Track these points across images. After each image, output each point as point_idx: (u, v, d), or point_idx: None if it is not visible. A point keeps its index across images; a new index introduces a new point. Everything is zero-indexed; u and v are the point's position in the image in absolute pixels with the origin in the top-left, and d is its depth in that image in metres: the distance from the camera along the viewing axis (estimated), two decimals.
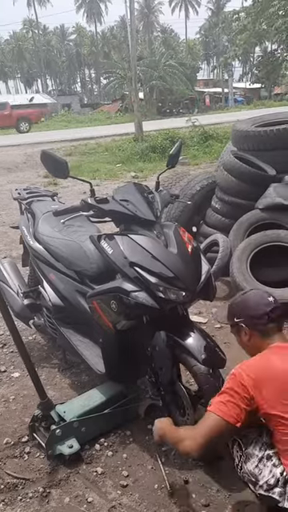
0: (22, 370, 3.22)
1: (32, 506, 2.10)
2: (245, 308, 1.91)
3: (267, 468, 1.67)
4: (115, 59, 44.26)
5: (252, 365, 1.73)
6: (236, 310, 1.95)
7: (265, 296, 1.90)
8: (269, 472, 1.66)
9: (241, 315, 1.91)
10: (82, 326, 2.85)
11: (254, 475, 1.69)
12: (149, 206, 2.38)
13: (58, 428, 2.33)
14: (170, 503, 2.07)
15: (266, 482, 1.65)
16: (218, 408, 1.69)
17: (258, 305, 1.87)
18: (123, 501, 2.11)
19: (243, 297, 1.96)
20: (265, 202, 4.09)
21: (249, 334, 1.88)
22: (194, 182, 4.91)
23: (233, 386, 1.69)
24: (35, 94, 52.50)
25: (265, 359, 1.74)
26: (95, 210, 2.34)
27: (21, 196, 3.47)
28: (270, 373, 1.67)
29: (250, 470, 1.71)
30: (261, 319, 1.84)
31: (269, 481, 1.65)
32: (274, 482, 1.64)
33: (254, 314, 1.86)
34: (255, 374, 1.68)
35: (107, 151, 14.81)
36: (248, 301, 1.93)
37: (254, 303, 1.89)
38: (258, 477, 1.68)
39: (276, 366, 1.68)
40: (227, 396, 1.69)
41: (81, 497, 2.14)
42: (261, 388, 1.64)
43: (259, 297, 1.91)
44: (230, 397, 1.68)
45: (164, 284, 2.14)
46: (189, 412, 2.22)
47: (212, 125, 16.52)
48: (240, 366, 1.74)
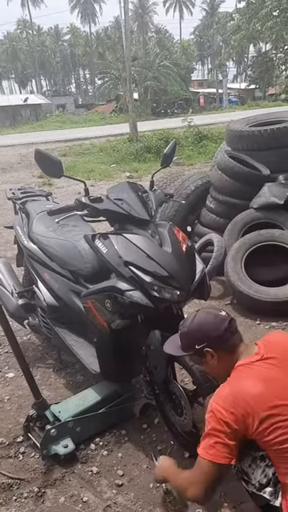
0: (16, 370, 3.21)
1: (27, 506, 2.10)
2: (204, 332, 1.83)
3: (260, 468, 1.66)
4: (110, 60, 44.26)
5: (227, 397, 1.67)
6: (194, 336, 1.86)
7: (216, 313, 1.85)
8: (261, 472, 1.66)
9: (202, 340, 1.83)
10: (76, 326, 2.85)
11: (247, 474, 1.69)
12: (143, 205, 2.38)
13: (53, 428, 2.32)
14: (166, 502, 2.07)
15: (259, 482, 1.66)
16: (208, 453, 1.66)
17: (215, 324, 1.81)
18: (118, 500, 2.10)
19: (196, 322, 1.85)
20: (259, 201, 4.10)
21: (216, 356, 1.83)
22: (189, 182, 4.92)
23: (215, 425, 1.65)
24: (30, 94, 52.42)
25: (237, 387, 1.69)
26: (89, 210, 2.34)
27: (15, 196, 3.46)
28: (245, 402, 1.62)
29: (243, 469, 1.71)
30: (223, 337, 1.80)
31: (261, 480, 1.65)
32: (266, 481, 1.64)
33: (215, 334, 1.80)
34: (233, 407, 1.63)
35: (102, 152, 14.81)
36: (203, 323, 1.84)
37: (211, 323, 1.82)
38: (251, 476, 1.68)
39: (249, 393, 1.63)
40: (213, 437, 1.65)
41: (76, 496, 2.14)
42: (243, 419, 1.61)
43: (212, 316, 1.84)
44: (216, 437, 1.65)
45: (158, 283, 2.14)
46: (186, 412, 2.22)
47: (206, 125, 16.55)
48: (215, 401, 1.69)
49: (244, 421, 1.61)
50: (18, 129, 31.46)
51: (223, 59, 14.07)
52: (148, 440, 2.47)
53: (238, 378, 1.73)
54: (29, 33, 67.97)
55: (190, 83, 46.05)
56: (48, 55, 73.90)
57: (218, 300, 4.10)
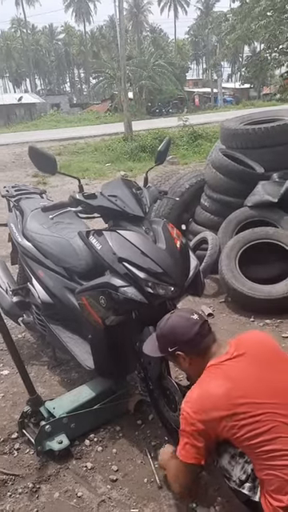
0: (11, 367, 3.21)
1: (22, 502, 2.10)
2: (175, 335, 1.86)
3: (239, 465, 1.69)
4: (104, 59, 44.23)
5: (195, 400, 1.72)
6: (166, 340, 1.89)
7: (188, 316, 1.87)
8: (241, 468, 1.68)
9: (173, 343, 1.86)
10: (71, 323, 2.85)
11: (228, 471, 1.72)
12: (137, 201, 2.39)
13: (48, 424, 2.33)
14: (160, 496, 2.08)
15: (239, 478, 1.68)
16: (180, 453, 1.74)
17: (187, 328, 1.83)
18: (113, 495, 2.11)
19: (168, 324, 1.89)
20: (253, 199, 4.12)
21: (188, 359, 1.86)
22: (183, 180, 4.93)
23: (185, 427, 1.71)
24: (24, 93, 52.29)
25: (205, 389, 1.72)
26: (83, 206, 2.35)
27: (9, 193, 3.46)
28: (213, 404, 1.65)
29: (223, 466, 1.73)
30: (194, 341, 1.82)
31: (241, 477, 1.68)
32: (245, 477, 1.67)
33: (185, 338, 1.83)
34: (200, 409, 1.68)
35: (96, 151, 14.81)
36: (176, 326, 1.87)
37: (182, 327, 1.85)
38: (231, 473, 1.70)
39: (216, 394, 1.66)
40: (184, 438, 1.72)
41: (70, 492, 2.14)
42: (210, 421, 1.65)
43: (184, 319, 1.86)
44: (186, 438, 1.71)
45: (153, 279, 2.15)
46: (180, 407, 2.23)
47: (201, 124, 16.60)
48: (185, 403, 1.74)
49: (211, 421, 1.65)
50: (12, 128, 31.38)
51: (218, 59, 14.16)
52: (142, 436, 2.48)
53: (206, 379, 1.77)
54: (23, 32, 67.78)
55: (185, 83, 46.16)
56: (42, 54, 73.74)
57: (212, 298, 4.11)
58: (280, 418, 1.59)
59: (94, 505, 2.06)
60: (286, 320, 3.59)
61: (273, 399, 1.62)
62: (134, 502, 2.06)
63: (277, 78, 25.47)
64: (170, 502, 2.05)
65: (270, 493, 1.58)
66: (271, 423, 1.58)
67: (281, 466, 1.55)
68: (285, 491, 1.55)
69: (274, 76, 25.63)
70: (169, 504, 2.04)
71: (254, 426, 1.58)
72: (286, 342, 3.29)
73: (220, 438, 1.66)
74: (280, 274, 3.79)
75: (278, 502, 1.55)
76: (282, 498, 1.55)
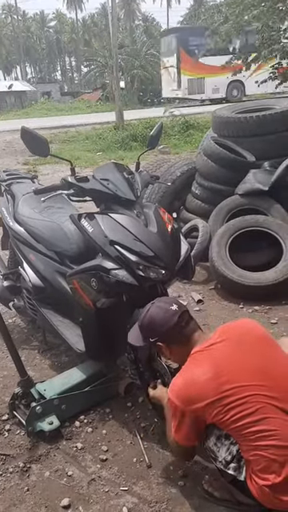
0: (1, 351, 3.23)
1: (13, 480, 2.13)
2: (154, 326, 1.89)
3: (225, 446, 1.72)
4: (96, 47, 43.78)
5: (180, 387, 1.75)
6: (147, 331, 1.93)
7: (167, 307, 1.89)
8: (226, 449, 1.72)
9: (154, 335, 1.90)
10: (61, 307, 2.87)
11: (214, 452, 1.76)
12: (129, 185, 2.40)
13: (39, 405, 2.35)
14: (149, 475, 2.12)
15: (224, 459, 1.72)
16: (174, 435, 1.82)
17: (165, 319, 1.86)
18: (103, 474, 2.15)
19: (148, 316, 1.92)
20: (244, 187, 4.14)
21: (169, 349, 1.90)
22: (174, 168, 4.94)
23: (174, 412, 1.78)
24: (14, 81, 51.66)
25: (189, 377, 1.76)
26: (75, 189, 2.36)
27: (0, 178, 3.44)
28: (197, 390, 1.69)
29: (209, 447, 1.77)
30: (173, 331, 1.85)
31: (226, 457, 1.72)
32: (231, 458, 1.71)
33: (165, 329, 1.86)
34: (185, 395, 1.71)
35: (87, 139, 14.70)
36: (154, 318, 1.89)
37: (160, 319, 1.87)
38: (217, 454, 1.74)
39: (200, 381, 1.70)
40: (175, 423, 1.79)
41: (61, 471, 2.17)
42: (196, 409, 1.68)
43: (163, 311, 1.89)
44: (177, 424, 1.78)
45: (144, 262, 2.17)
46: None
47: (193, 114, 16.53)
48: (170, 390, 1.78)
49: (197, 408, 1.68)
50: (2, 116, 31.00)
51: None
52: (132, 418, 2.51)
53: (191, 366, 1.80)
54: (14, 18, 66.74)
55: None
56: (33, 41, 72.75)
57: (202, 285, 4.15)
58: (266, 400, 1.62)
59: (84, 483, 2.10)
60: (274, 306, 3.64)
61: (258, 381, 1.66)
62: (124, 481, 2.10)
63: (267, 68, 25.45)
64: (158, 480, 2.09)
65: (256, 472, 1.62)
66: (258, 404, 1.61)
67: (267, 446, 1.59)
68: (271, 470, 1.59)
69: None
70: (157, 482, 2.08)
71: (240, 408, 1.62)
72: (275, 328, 3.34)
73: (208, 422, 1.70)
74: (269, 262, 3.83)
75: (264, 481, 1.60)
76: (268, 476, 1.59)
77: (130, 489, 2.05)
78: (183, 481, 2.07)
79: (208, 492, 1.94)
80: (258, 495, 1.61)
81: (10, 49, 67.73)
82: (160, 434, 2.35)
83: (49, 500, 2.02)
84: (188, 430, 1.74)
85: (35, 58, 75.39)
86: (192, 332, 1.87)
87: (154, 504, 1.96)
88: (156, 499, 1.98)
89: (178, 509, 1.93)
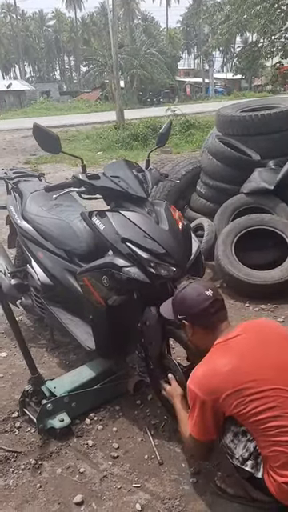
0: (9, 349, 3.24)
1: (25, 477, 2.13)
2: (184, 305, 1.90)
3: (242, 443, 1.72)
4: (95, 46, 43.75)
5: (201, 377, 1.75)
6: (177, 307, 1.95)
7: (203, 290, 1.88)
8: (243, 446, 1.72)
9: (182, 312, 1.91)
10: (70, 305, 2.87)
11: (230, 449, 1.75)
12: (140, 183, 2.41)
13: (49, 402, 2.35)
14: (161, 472, 2.12)
15: (241, 456, 1.72)
16: (192, 430, 1.81)
17: (196, 301, 1.86)
18: (114, 471, 2.15)
19: (182, 293, 1.93)
20: (249, 186, 4.15)
21: (192, 329, 1.90)
22: (179, 167, 4.94)
23: (193, 405, 1.76)
24: (13, 80, 51.62)
25: (211, 367, 1.76)
26: (87, 186, 2.36)
27: (7, 176, 3.45)
28: (219, 381, 1.69)
29: (226, 444, 1.77)
30: (201, 315, 1.85)
31: (243, 454, 1.71)
32: (248, 455, 1.71)
33: (194, 310, 1.86)
34: (206, 386, 1.71)
35: (88, 138, 14.72)
36: (186, 298, 1.90)
37: (192, 300, 1.88)
38: (234, 450, 1.74)
39: (221, 372, 1.70)
40: (194, 416, 1.77)
41: (73, 468, 2.18)
42: (217, 399, 1.68)
43: (197, 292, 1.88)
44: (196, 417, 1.76)
45: (155, 259, 2.17)
46: (180, 384, 2.27)
47: (193, 114, 16.55)
48: (191, 381, 1.77)
49: (218, 399, 1.68)
50: (1, 115, 30.99)
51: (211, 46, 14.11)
52: (142, 415, 2.52)
53: (213, 356, 1.80)
54: (13, 17, 66.68)
55: (177, 72, 45.91)
56: (32, 40, 72.64)
57: None
58: (286, 395, 1.62)
59: (96, 480, 2.10)
60: (280, 305, 3.65)
61: (279, 376, 1.66)
62: (136, 478, 2.11)
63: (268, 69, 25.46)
64: (170, 477, 2.09)
65: (274, 469, 1.61)
66: (278, 399, 1.61)
67: (287, 442, 1.58)
68: None
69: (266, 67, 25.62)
70: (170, 479, 2.08)
71: (260, 402, 1.61)
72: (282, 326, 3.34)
73: (227, 414, 1.70)
74: (275, 260, 3.84)
75: (283, 478, 1.59)
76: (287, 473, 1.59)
77: (143, 485, 2.06)
78: (195, 478, 2.07)
79: (221, 489, 1.94)
80: (275, 492, 1.61)
81: (8, 48, 67.65)
82: (170, 431, 2.37)
83: (62, 497, 2.02)
84: (208, 422, 1.73)
85: (34, 58, 75.28)
86: (219, 322, 1.86)
87: (167, 501, 1.96)
88: (169, 496, 1.99)
89: (192, 505, 1.93)
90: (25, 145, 14.48)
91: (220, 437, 1.78)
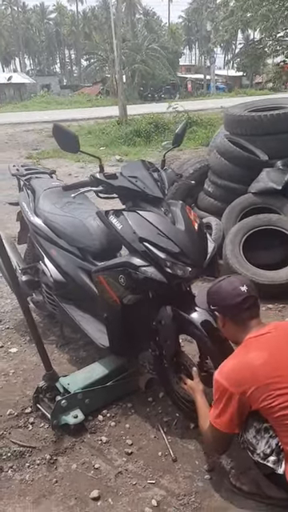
0: (19, 345, 3.26)
1: (40, 472, 2.16)
2: (218, 297, 1.95)
3: (264, 439, 1.76)
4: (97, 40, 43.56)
5: (230, 370, 1.78)
6: (211, 298, 1.99)
7: (238, 285, 1.91)
8: (265, 443, 1.75)
9: (215, 304, 1.97)
10: (83, 302, 2.89)
11: (252, 444, 1.78)
12: (156, 183, 2.42)
13: (64, 399, 2.38)
14: (175, 469, 2.16)
15: (263, 452, 1.75)
16: (215, 421, 1.83)
17: (229, 295, 1.90)
18: (129, 467, 2.18)
19: (217, 285, 1.97)
20: (257, 186, 4.17)
21: (223, 321, 1.96)
22: (187, 166, 4.96)
23: (219, 396, 1.79)
24: (13, 73, 51.37)
25: (241, 360, 1.79)
26: (104, 186, 2.37)
27: (19, 172, 3.45)
28: (249, 374, 1.72)
29: (248, 440, 1.80)
30: (233, 309, 1.89)
31: (265, 450, 1.75)
32: (270, 451, 1.74)
33: (226, 304, 1.91)
34: (236, 379, 1.74)
35: (90, 134, 14.67)
36: (221, 290, 1.94)
37: (226, 293, 1.92)
38: (256, 446, 1.77)
39: (252, 365, 1.73)
40: (219, 408, 1.80)
41: (87, 463, 2.21)
42: (245, 392, 1.71)
43: (232, 287, 1.92)
44: (221, 408, 1.79)
45: (172, 259, 2.19)
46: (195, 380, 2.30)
47: (196, 111, 16.52)
48: (219, 373, 1.80)
49: (246, 392, 1.71)
50: (1, 108, 30.87)
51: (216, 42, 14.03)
52: (154, 412, 2.55)
53: (244, 350, 1.84)
54: (14, 9, 66.25)
55: (178, 68, 45.77)
56: (33, 33, 72.31)
57: None
58: None
59: (111, 476, 2.13)
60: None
61: None
62: (151, 474, 2.14)
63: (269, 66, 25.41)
64: (185, 473, 2.13)
65: None
66: None
67: None
68: None
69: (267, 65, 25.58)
70: (184, 476, 2.12)
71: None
72: None
73: (253, 408, 1.73)
74: (283, 260, 3.87)
75: None
76: None
77: (158, 482, 2.09)
78: (210, 475, 2.11)
79: (236, 486, 1.98)
80: None
81: (9, 40, 67.27)
82: (183, 428, 2.40)
83: (78, 492, 2.05)
84: (232, 414, 1.76)
85: (34, 50, 74.94)
86: (250, 318, 1.90)
87: (182, 497, 2.00)
88: (184, 492, 2.02)
89: (207, 502, 1.97)
90: (27, 139, 14.46)
91: (242, 432, 1.81)
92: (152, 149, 12.02)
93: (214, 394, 1.82)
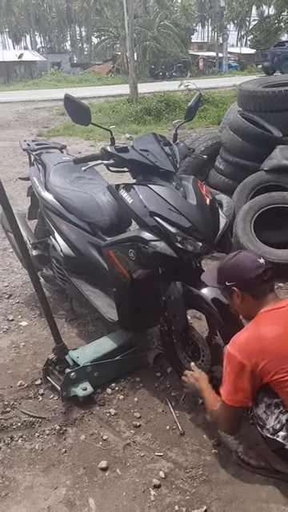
0: (29, 319, 3.28)
1: (50, 442, 2.19)
2: (236, 271, 1.91)
3: (274, 415, 1.75)
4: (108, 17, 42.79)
5: (243, 342, 1.77)
6: (227, 273, 1.94)
7: (255, 258, 1.90)
8: (275, 418, 1.75)
9: (232, 279, 1.91)
10: (92, 277, 2.90)
11: (262, 419, 1.78)
12: (168, 157, 2.39)
13: (73, 371, 2.40)
14: (182, 442, 2.17)
15: (272, 427, 1.75)
16: (226, 397, 1.82)
17: (249, 268, 1.87)
18: (137, 439, 2.20)
19: (234, 260, 1.93)
20: (270, 163, 4.10)
21: (241, 296, 1.91)
22: (199, 142, 4.89)
23: (231, 368, 1.77)
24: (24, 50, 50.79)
25: (255, 333, 1.78)
26: (115, 159, 2.35)
27: (30, 147, 3.43)
28: (262, 346, 1.71)
29: (258, 415, 1.80)
30: (253, 282, 1.86)
31: (275, 426, 1.75)
32: (280, 427, 1.74)
33: (245, 277, 1.87)
34: (249, 351, 1.73)
35: (101, 112, 14.50)
36: (239, 264, 1.91)
37: (245, 266, 1.89)
38: (266, 421, 1.77)
39: (266, 338, 1.72)
40: (230, 381, 1.79)
41: (96, 435, 2.23)
42: (257, 364, 1.70)
43: (250, 259, 1.90)
44: (234, 382, 1.77)
45: (183, 234, 2.17)
46: (204, 354, 2.31)
47: (207, 89, 16.25)
48: (232, 346, 1.78)
49: (258, 364, 1.70)
50: (12, 86, 30.62)
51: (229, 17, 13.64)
52: (162, 387, 2.56)
53: (257, 324, 1.82)
54: None
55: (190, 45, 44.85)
56: (43, 10, 71.07)
57: None
58: None
59: (119, 447, 2.16)
60: None
61: None
62: (158, 447, 2.16)
63: None
64: (192, 447, 2.14)
65: None
66: None
67: None
68: None
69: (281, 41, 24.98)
70: (192, 449, 2.13)
71: None
72: None
73: (265, 380, 1.72)
74: None
75: None
76: None
77: (165, 454, 2.11)
78: (217, 449, 2.12)
79: (243, 460, 1.99)
80: None
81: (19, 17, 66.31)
82: (190, 403, 2.41)
83: (86, 462, 2.08)
84: (244, 386, 1.75)
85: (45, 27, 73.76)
86: (268, 291, 1.89)
87: (189, 470, 2.01)
88: (191, 465, 2.04)
89: (215, 475, 1.98)
90: (37, 117, 14.34)
91: (252, 408, 1.81)
92: (162, 127, 11.87)
93: (225, 368, 1.81)
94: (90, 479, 2.00)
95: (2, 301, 3.55)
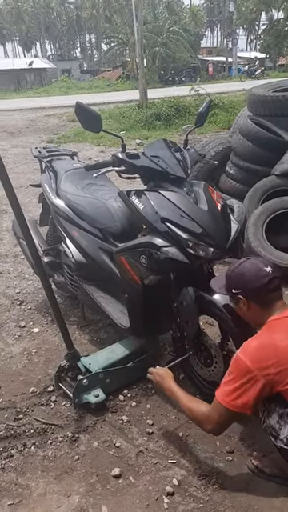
0: (41, 325, 3.29)
1: (63, 449, 2.19)
2: (242, 280, 1.88)
3: (287, 424, 1.73)
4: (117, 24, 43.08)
5: (254, 350, 1.73)
6: (233, 281, 1.92)
7: (262, 267, 1.86)
8: None
9: (238, 287, 1.89)
10: (104, 283, 2.90)
11: (275, 430, 1.75)
12: (179, 163, 2.39)
13: (85, 378, 2.40)
14: (195, 449, 2.16)
15: (286, 437, 1.72)
16: (225, 400, 1.76)
17: (255, 276, 1.84)
18: (150, 446, 2.19)
19: (240, 268, 1.90)
20: (281, 168, 4.09)
21: (247, 304, 1.89)
22: (209, 147, 4.89)
23: (238, 374, 1.72)
24: (34, 58, 51.30)
25: (266, 340, 1.75)
26: (126, 166, 2.35)
27: (41, 154, 3.45)
28: (274, 354, 1.68)
29: (271, 425, 1.77)
30: (259, 291, 1.83)
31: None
32: None
33: (251, 286, 1.84)
34: (259, 358, 1.70)
35: (111, 118, 14.58)
36: (245, 272, 1.87)
37: (251, 275, 1.85)
38: (279, 432, 1.74)
39: (278, 346, 1.69)
40: (235, 385, 1.73)
41: (109, 442, 2.22)
42: (267, 372, 1.67)
43: (256, 268, 1.86)
44: (240, 388, 1.72)
45: (194, 240, 2.17)
46: (217, 360, 2.29)
47: (217, 94, 16.27)
48: (242, 352, 1.75)
49: (269, 373, 1.67)
50: (22, 93, 30.93)
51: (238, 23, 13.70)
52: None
53: (268, 331, 1.80)
54: None
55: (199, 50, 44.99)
56: (53, 17, 71.80)
57: None
58: None
59: (132, 455, 2.15)
60: None
61: None
62: (171, 454, 2.14)
63: None
64: (206, 455, 2.13)
65: None
66: None
67: None
68: None
69: None
70: (205, 457, 2.11)
71: None
72: None
73: (277, 389, 1.70)
74: None
75: None
76: None
77: (178, 462, 2.10)
78: (230, 456, 2.10)
79: (257, 468, 1.97)
80: None
81: (30, 25, 67.02)
82: None
83: (99, 469, 2.07)
84: (250, 394, 1.71)
85: (55, 35, 74.49)
86: (275, 299, 1.86)
87: (203, 477, 2.00)
88: (205, 473, 2.02)
89: (228, 483, 1.96)
90: (48, 124, 14.47)
91: (264, 418, 1.79)
92: (172, 132, 11.89)
93: (231, 373, 1.77)
94: (103, 487, 1.99)
95: (14, 307, 3.57)
